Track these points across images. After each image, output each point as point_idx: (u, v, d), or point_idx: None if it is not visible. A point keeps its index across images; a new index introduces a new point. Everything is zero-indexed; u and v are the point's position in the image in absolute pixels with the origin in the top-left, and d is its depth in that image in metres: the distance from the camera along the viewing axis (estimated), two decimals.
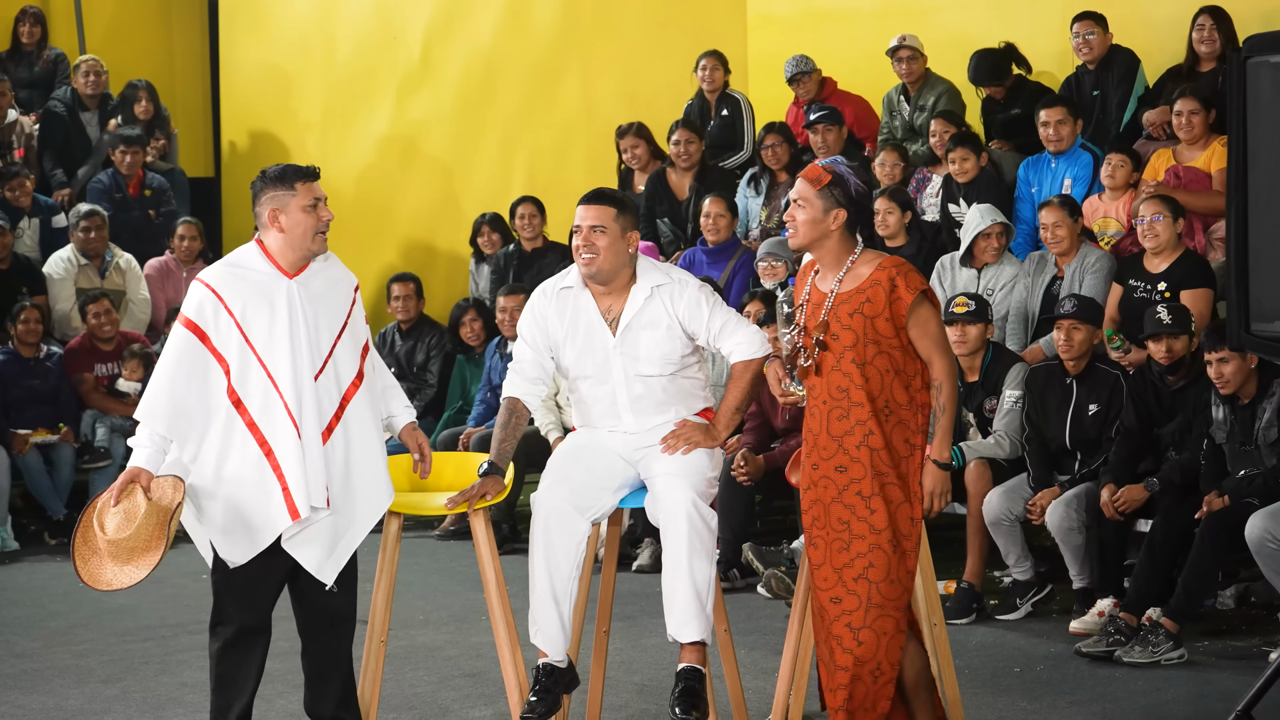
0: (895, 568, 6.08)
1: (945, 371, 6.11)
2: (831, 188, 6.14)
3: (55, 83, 15.09)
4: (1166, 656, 8.04)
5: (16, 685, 8.07)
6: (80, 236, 13.07)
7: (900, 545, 6.09)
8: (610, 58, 14.59)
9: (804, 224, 6.17)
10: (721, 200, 11.83)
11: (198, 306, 6.11)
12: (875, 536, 6.08)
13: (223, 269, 6.23)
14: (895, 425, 6.11)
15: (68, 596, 10.11)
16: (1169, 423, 8.77)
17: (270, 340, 6.11)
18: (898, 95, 12.35)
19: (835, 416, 6.17)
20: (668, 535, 6.43)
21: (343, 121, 15.51)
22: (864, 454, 6.10)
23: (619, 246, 6.63)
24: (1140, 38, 11.33)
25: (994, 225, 10.24)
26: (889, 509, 6.08)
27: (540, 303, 6.79)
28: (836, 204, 6.14)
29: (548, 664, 6.47)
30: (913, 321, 6.09)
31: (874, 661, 6.09)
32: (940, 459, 6.14)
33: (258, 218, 6.29)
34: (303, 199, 6.25)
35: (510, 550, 10.54)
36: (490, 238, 13.31)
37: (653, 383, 6.65)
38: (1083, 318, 9.01)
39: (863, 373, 6.10)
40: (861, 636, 6.09)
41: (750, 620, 8.91)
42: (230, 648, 6.21)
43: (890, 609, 6.08)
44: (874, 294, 6.09)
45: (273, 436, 6.07)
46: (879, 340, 6.09)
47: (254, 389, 6.09)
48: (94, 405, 12.18)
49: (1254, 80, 5.97)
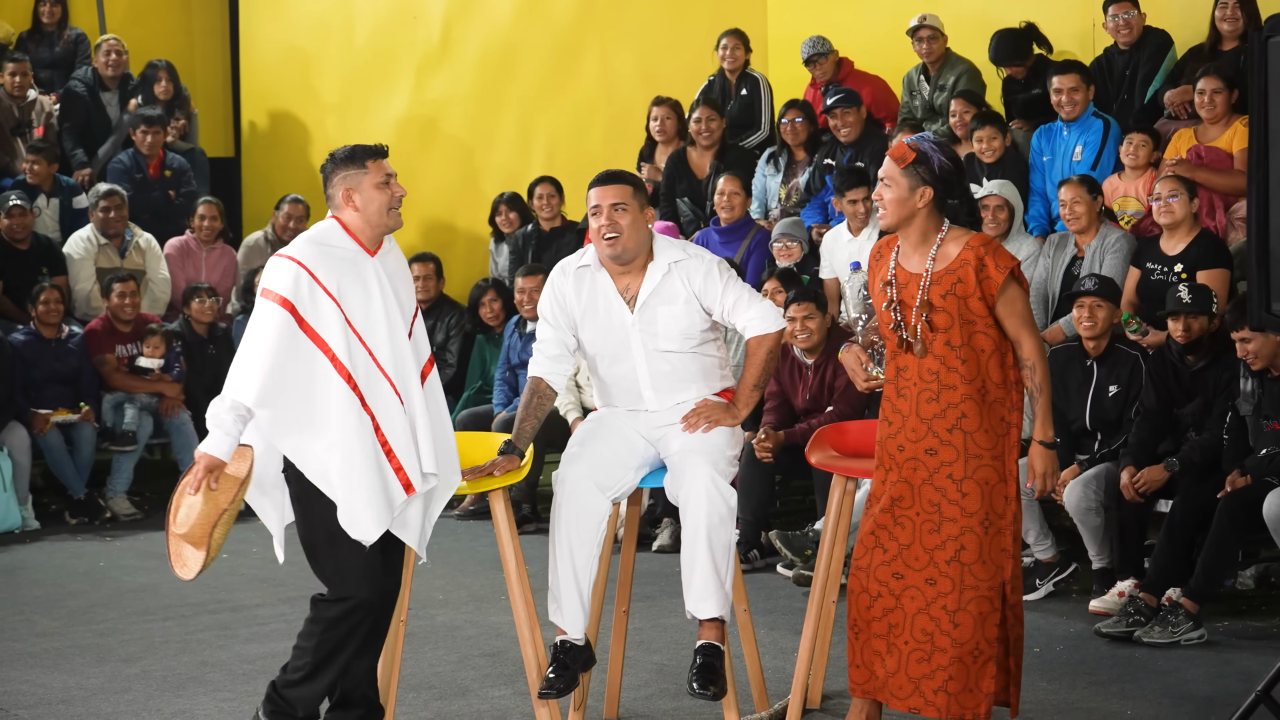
0: (988, 548, 6.08)
1: (1037, 351, 6.10)
2: (917, 165, 6.11)
3: (76, 63, 15.09)
4: (1186, 637, 8.04)
5: (38, 664, 8.09)
6: (100, 216, 13.07)
7: (994, 525, 6.09)
8: (629, 37, 14.57)
9: (891, 203, 6.14)
10: (736, 179, 11.81)
11: (292, 283, 6.01)
12: (967, 520, 6.08)
13: (310, 246, 6.12)
14: (991, 405, 6.10)
15: (88, 576, 10.14)
16: (1189, 403, 8.75)
17: (367, 318, 6.09)
18: (918, 75, 12.32)
19: (925, 399, 6.14)
20: (687, 512, 6.44)
21: (362, 101, 15.51)
22: (957, 437, 6.09)
23: (640, 223, 6.63)
24: (1165, 16, 11.29)
25: (991, 197, 10.22)
26: (983, 490, 6.08)
27: (559, 281, 6.79)
28: (922, 181, 6.11)
29: (566, 641, 6.48)
30: (1002, 300, 6.06)
31: (973, 643, 6.08)
32: (1045, 439, 6.15)
33: (331, 200, 6.23)
34: (375, 176, 6.22)
35: (530, 530, 10.55)
36: (509, 217, 13.32)
37: (672, 359, 6.64)
38: (1104, 295, 9.00)
39: (958, 355, 6.09)
40: (958, 619, 6.09)
41: (770, 600, 8.91)
42: (346, 620, 6.13)
43: (984, 589, 6.08)
44: (964, 274, 6.07)
45: (381, 414, 6.05)
46: (974, 320, 6.08)
47: (360, 367, 6.05)
48: (117, 385, 12.19)
49: (1275, 59, 5.93)
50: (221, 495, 5.94)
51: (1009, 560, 6.13)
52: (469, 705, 7.29)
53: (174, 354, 12.31)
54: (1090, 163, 10.54)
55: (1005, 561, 6.13)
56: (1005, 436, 6.13)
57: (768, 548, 9.86)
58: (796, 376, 10.05)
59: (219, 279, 13.42)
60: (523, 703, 6.65)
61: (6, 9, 15.39)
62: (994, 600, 6.11)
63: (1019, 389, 6.14)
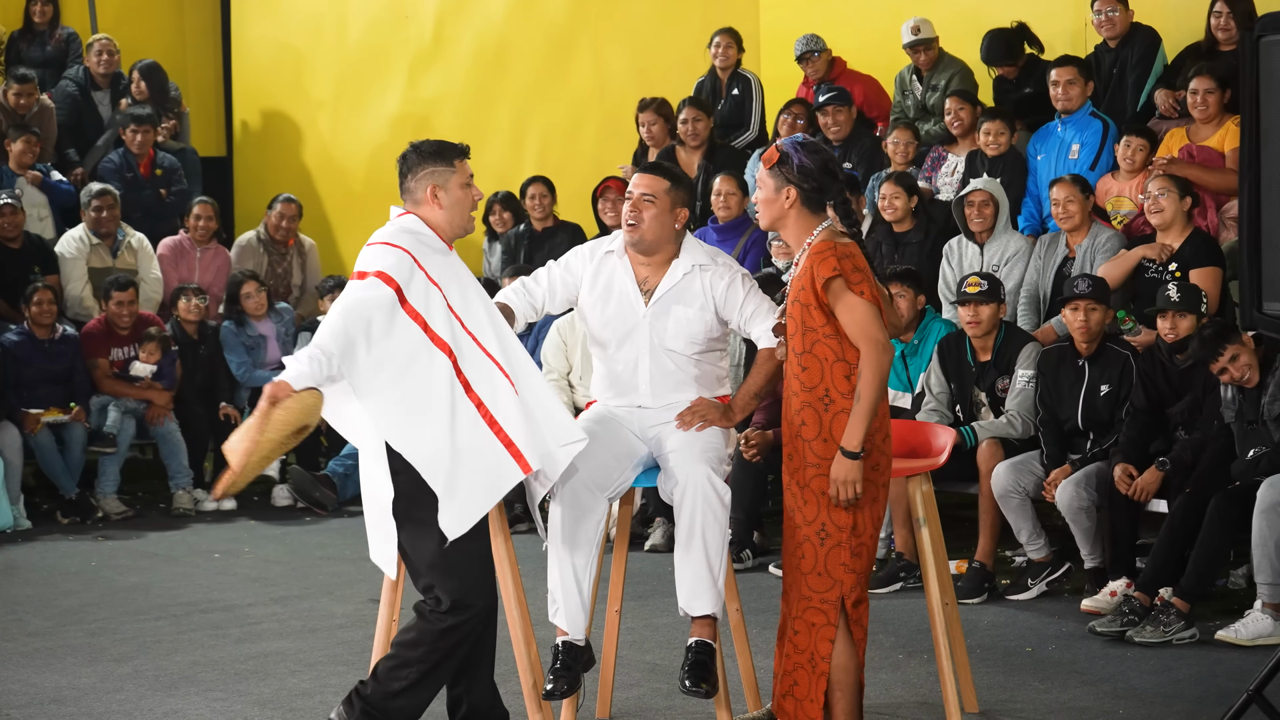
0: (823, 559, 5.99)
1: (866, 359, 5.88)
2: (780, 165, 6.07)
3: (68, 62, 15.08)
4: (1178, 636, 8.05)
5: (29, 664, 8.08)
6: (92, 216, 13.06)
7: (833, 538, 5.98)
8: (622, 35, 14.59)
9: (761, 203, 6.14)
10: (732, 178, 11.81)
11: (395, 263, 6.00)
12: (806, 528, 6.02)
13: (407, 235, 6.11)
14: (836, 415, 5.95)
15: (80, 575, 10.14)
16: (1178, 402, 8.76)
17: (467, 306, 6.10)
18: (910, 74, 12.33)
19: (788, 402, 6.11)
20: (680, 508, 6.43)
21: (354, 100, 15.50)
22: (798, 444, 6.03)
23: (665, 220, 6.63)
24: (1159, 15, 11.30)
25: (976, 193, 10.25)
26: (819, 501, 5.98)
27: (577, 261, 6.79)
28: (786, 181, 6.05)
29: (567, 642, 6.48)
30: (837, 308, 5.93)
31: (808, 652, 6.05)
32: (847, 446, 5.90)
33: (410, 193, 6.21)
34: (461, 176, 6.23)
35: (522, 530, 10.54)
36: (502, 216, 13.31)
37: (675, 359, 6.65)
38: (1097, 298, 9.00)
39: (800, 361, 6.01)
40: (796, 626, 6.07)
41: (762, 599, 8.91)
42: (460, 629, 6.11)
43: (817, 601, 6.01)
44: (805, 281, 5.99)
45: (488, 396, 6.04)
46: (815, 329, 5.97)
47: (465, 351, 6.04)
48: (106, 390, 12.18)
49: (1267, 59, 5.93)
50: (270, 429, 5.80)
51: (849, 575, 5.99)
52: None
53: (169, 360, 12.29)
54: (1089, 163, 10.55)
55: (844, 575, 6.00)
56: None
57: (760, 546, 9.86)
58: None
59: (212, 279, 13.41)
60: (515, 702, 6.64)
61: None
62: (829, 614, 6.01)
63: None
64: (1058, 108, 10.78)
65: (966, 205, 10.34)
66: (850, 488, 5.91)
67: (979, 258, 10.30)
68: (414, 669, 6.10)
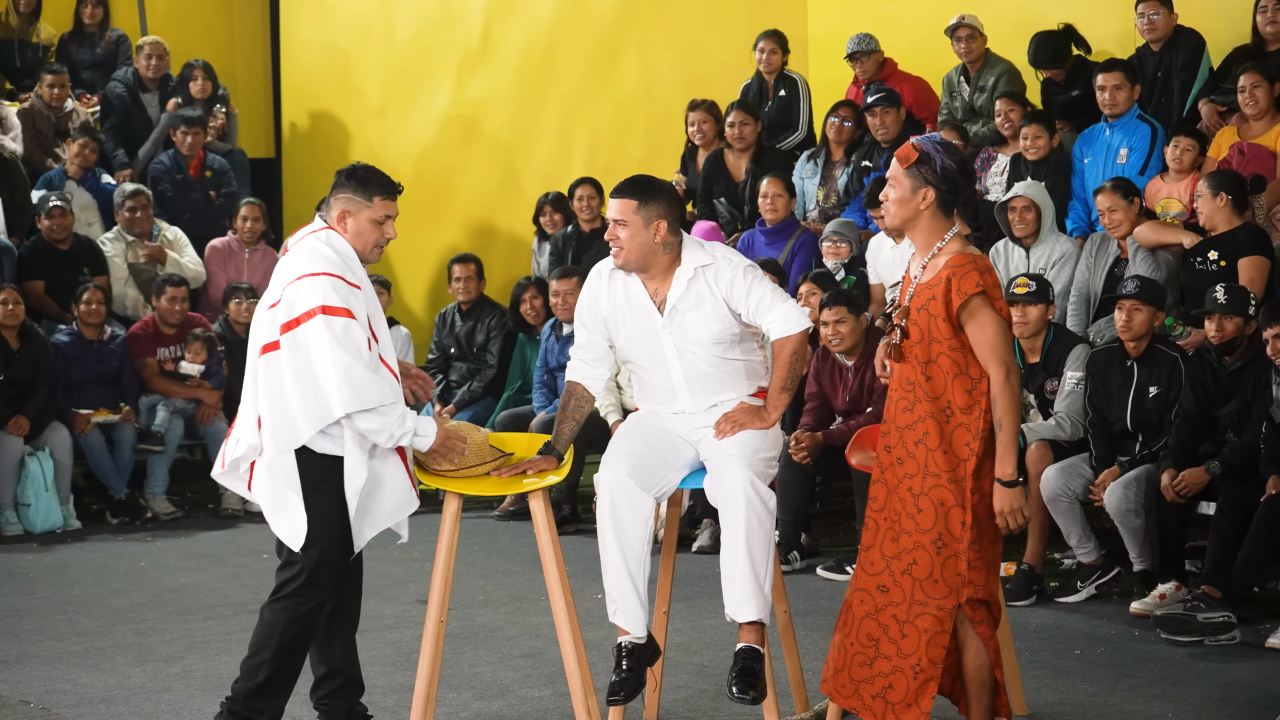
0: (939, 568, 5.94)
1: (998, 384, 5.84)
2: (919, 165, 5.93)
3: (117, 64, 15.16)
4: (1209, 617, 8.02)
5: (79, 663, 8.12)
6: (126, 216, 13.16)
7: (949, 547, 5.93)
8: (670, 37, 14.59)
9: (894, 203, 6.00)
10: (779, 180, 11.80)
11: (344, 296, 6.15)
12: (920, 535, 5.96)
13: (330, 259, 6.24)
14: (956, 428, 5.92)
15: (129, 575, 10.18)
16: (1227, 404, 8.72)
17: (380, 330, 6.31)
18: (958, 76, 12.31)
19: (902, 408, 6.04)
20: (725, 515, 6.42)
21: (403, 101, 15.54)
22: (920, 452, 5.96)
23: (643, 238, 6.58)
24: (1205, 18, 11.25)
25: (1018, 199, 10.23)
26: (937, 511, 5.93)
27: (594, 284, 6.79)
28: (925, 182, 5.93)
29: (629, 642, 6.47)
30: (969, 326, 5.87)
31: (915, 657, 5.98)
32: (1003, 477, 5.87)
33: (328, 207, 6.35)
34: (374, 213, 6.33)
35: (570, 531, 10.55)
36: (553, 217, 13.33)
37: (707, 361, 6.63)
38: (1144, 299, 8.95)
39: (924, 371, 5.95)
40: (905, 630, 6.00)
41: (810, 601, 8.90)
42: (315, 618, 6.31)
43: (932, 607, 5.95)
44: (938, 292, 5.90)
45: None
46: (940, 340, 5.91)
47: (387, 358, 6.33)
48: (156, 389, 12.25)
49: None
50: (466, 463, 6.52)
51: (966, 586, 5.93)
52: (509, 706, 7.29)
53: (216, 360, 12.35)
54: (1139, 167, 10.53)
55: (961, 586, 5.93)
56: (967, 461, 5.90)
57: (808, 548, 9.84)
58: (836, 378, 10.04)
59: (260, 280, 13.43)
60: (563, 703, 6.65)
61: (49, 11, 15.45)
62: (944, 621, 5.96)
63: (987, 418, 5.90)
64: (1105, 112, 10.75)
65: (1009, 210, 10.31)
66: (1018, 516, 5.89)
67: (1025, 261, 10.27)
68: (271, 649, 6.28)
